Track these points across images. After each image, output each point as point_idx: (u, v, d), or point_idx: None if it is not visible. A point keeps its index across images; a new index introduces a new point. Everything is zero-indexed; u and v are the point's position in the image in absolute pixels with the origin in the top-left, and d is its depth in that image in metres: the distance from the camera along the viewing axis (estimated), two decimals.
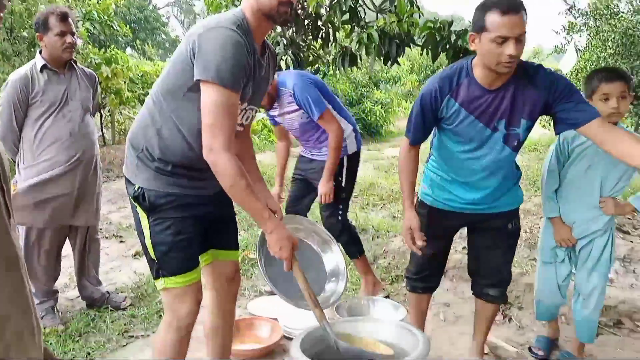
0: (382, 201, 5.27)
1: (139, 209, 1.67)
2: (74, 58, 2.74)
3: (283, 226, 1.66)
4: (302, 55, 3.53)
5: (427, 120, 1.96)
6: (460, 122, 1.92)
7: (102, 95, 7.34)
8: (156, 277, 1.71)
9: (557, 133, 1.94)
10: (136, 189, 1.65)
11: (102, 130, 8.11)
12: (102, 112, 8.10)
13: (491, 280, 2.17)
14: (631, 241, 4.09)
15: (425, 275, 2.26)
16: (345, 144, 2.83)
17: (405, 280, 2.41)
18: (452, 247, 2.61)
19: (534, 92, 1.83)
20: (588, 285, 2.23)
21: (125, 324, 2.77)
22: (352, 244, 2.97)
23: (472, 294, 2.30)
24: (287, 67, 3.58)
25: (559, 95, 1.80)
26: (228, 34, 1.49)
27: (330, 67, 3.77)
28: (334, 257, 2.01)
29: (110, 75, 6.95)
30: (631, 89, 2.06)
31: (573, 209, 2.23)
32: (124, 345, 2.60)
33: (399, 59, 3.36)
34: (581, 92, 1.93)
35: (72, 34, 2.62)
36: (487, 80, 1.84)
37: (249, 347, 2.52)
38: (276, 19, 1.61)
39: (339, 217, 2.90)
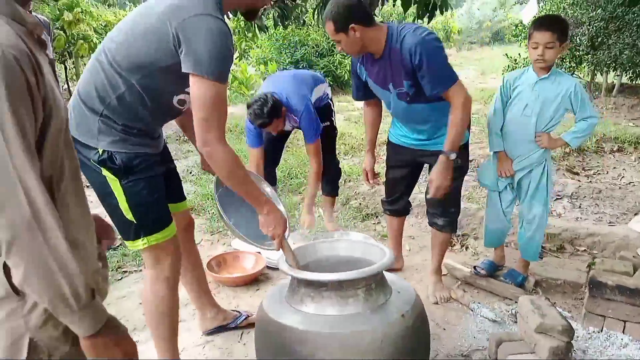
0: (352, 150, 5.53)
1: (106, 173, 1.62)
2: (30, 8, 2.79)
3: (277, 209, 1.76)
4: (286, 11, 3.66)
5: (356, 82, 2.46)
6: (371, 87, 2.37)
7: (68, 45, 7.20)
8: (134, 237, 1.70)
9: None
10: (100, 152, 1.60)
11: (67, 83, 7.91)
12: (66, 64, 7.94)
13: (437, 211, 2.51)
14: (579, 181, 4.51)
15: (391, 200, 2.71)
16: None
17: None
18: (417, 187, 2.91)
19: (402, 58, 2.11)
20: (530, 212, 2.56)
21: (118, 261, 3.00)
22: (337, 180, 3.51)
23: (428, 223, 2.63)
24: (275, 23, 3.74)
25: (417, 64, 2.08)
26: (217, 25, 1.45)
27: (311, 16, 3.94)
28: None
29: (74, 21, 6.82)
30: (564, 40, 2.31)
31: (513, 144, 2.53)
32: (119, 279, 2.84)
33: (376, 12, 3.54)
34: (443, 58, 2.12)
35: None
36: (342, 51, 2.22)
37: (236, 275, 2.79)
38: (247, 15, 1.71)
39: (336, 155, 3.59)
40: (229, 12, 1.82)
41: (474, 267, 2.73)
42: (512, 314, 2.42)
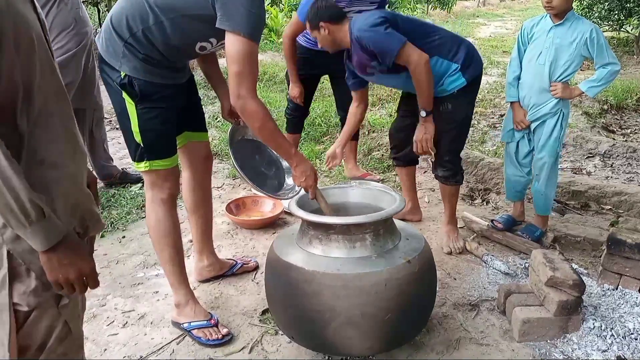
0: (379, 101, 5.43)
1: (125, 96, 1.73)
2: None
3: (306, 160, 1.82)
4: None
5: (349, 73, 2.59)
6: (362, 77, 2.53)
7: None
8: (139, 159, 1.82)
9: None
10: (122, 76, 1.70)
11: (100, 27, 7.98)
12: (99, 6, 7.94)
13: (437, 162, 2.52)
14: (614, 139, 4.33)
15: (394, 148, 2.82)
16: None
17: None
18: None
19: (356, 47, 2.33)
20: (539, 162, 2.50)
21: (142, 200, 3.10)
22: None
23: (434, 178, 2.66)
24: None
25: (368, 50, 2.27)
26: None
27: None
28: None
29: None
30: None
31: (528, 93, 2.45)
32: (143, 217, 2.94)
33: None
34: (382, 34, 2.22)
35: None
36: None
37: (253, 218, 2.86)
38: None
39: None
40: None
41: (491, 221, 2.70)
42: (525, 268, 2.41)
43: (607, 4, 7.21)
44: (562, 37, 2.32)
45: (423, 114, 2.34)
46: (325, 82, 5.86)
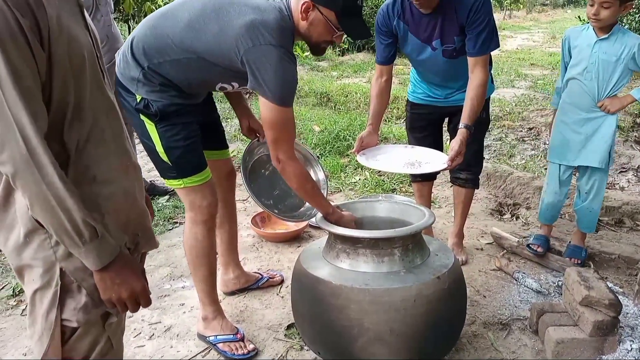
0: (404, 114, 5.40)
1: (143, 118, 1.71)
2: None
3: (343, 214, 1.84)
4: None
5: (385, 42, 2.28)
6: (408, 44, 2.26)
7: (135, 7, 7.38)
8: (170, 178, 1.81)
9: None
10: (138, 100, 1.69)
11: None
12: (130, 23, 8.16)
13: (461, 165, 2.33)
14: None
15: None
16: None
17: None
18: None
19: (457, 16, 2.09)
20: (589, 180, 2.41)
21: (169, 212, 3.13)
22: None
23: (450, 181, 2.58)
24: None
25: (472, 18, 2.08)
26: (281, 56, 1.57)
27: None
28: (312, 168, 2.23)
29: None
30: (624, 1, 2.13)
31: (574, 107, 2.36)
32: (170, 229, 2.98)
33: None
34: (494, 19, 2.14)
35: None
36: (419, 5, 2.10)
37: (279, 231, 2.85)
38: (313, 50, 1.77)
39: None
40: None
41: (528, 246, 2.57)
42: (557, 286, 2.33)
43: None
44: (608, 52, 2.23)
45: (465, 127, 2.12)
46: (349, 96, 5.89)
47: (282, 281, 2.41)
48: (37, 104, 0.89)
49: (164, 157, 1.76)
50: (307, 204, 2.10)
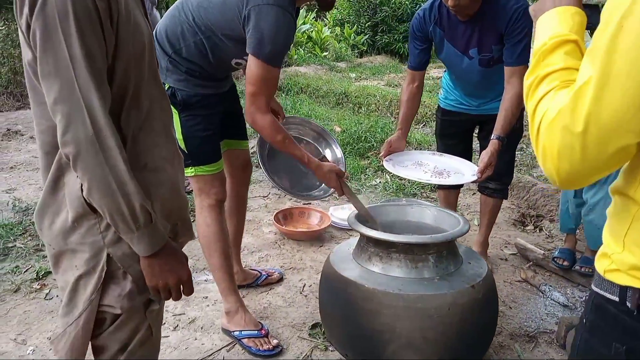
0: (424, 118, 5.38)
1: None
2: None
3: (322, 164, 1.86)
4: None
5: (420, 47, 2.25)
6: (443, 51, 2.22)
7: None
8: (184, 166, 1.87)
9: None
10: (166, 88, 1.75)
11: None
12: (162, 12, 8.20)
13: (491, 175, 2.27)
14: None
15: None
16: None
17: None
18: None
19: (497, 24, 2.05)
20: (595, 195, 2.36)
21: (191, 205, 3.12)
22: None
23: (478, 190, 2.56)
24: None
25: (514, 26, 2.03)
26: (285, 19, 1.61)
27: None
28: (329, 146, 2.23)
29: None
30: None
31: None
32: (192, 221, 2.96)
33: None
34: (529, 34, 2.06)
35: None
36: (456, 11, 2.05)
37: (301, 230, 2.84)
38: (321, 4, 1.81)
39: None
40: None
41: (553, 259, 2.54)
42: (584, 301, 2.30)
43: None
44: None
45: (497, 138, 2.08)
46: (369, 98, 5.87)
47: (280, 279, 2.40)
48: (105, 87, 0.89)
49: (182, 145, 1.83)
50: (322, 184, 2.10)
